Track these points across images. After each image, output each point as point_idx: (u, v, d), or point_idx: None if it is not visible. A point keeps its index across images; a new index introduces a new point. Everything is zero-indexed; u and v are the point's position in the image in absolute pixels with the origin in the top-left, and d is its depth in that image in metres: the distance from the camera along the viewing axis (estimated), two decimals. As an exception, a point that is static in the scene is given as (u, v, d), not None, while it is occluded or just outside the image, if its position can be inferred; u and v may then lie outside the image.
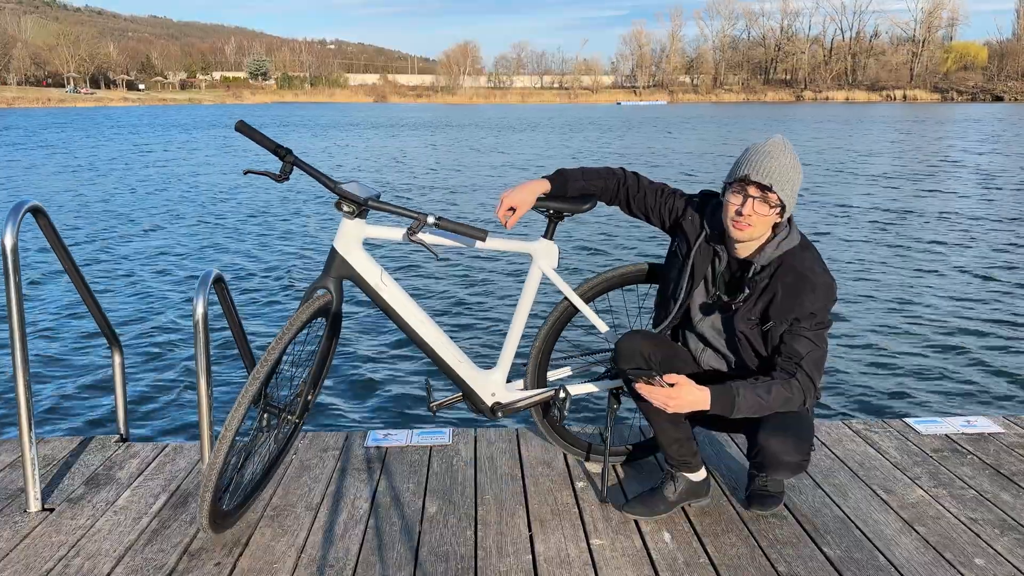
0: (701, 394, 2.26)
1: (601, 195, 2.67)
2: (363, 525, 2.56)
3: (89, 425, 5.08)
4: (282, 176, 2.49)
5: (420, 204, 15.02)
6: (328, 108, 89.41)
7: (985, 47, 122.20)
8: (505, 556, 2.38)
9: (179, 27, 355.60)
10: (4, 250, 2.45)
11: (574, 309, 2.81)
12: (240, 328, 3.03)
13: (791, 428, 2.38)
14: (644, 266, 2.82)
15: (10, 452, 3.05)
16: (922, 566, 2.33)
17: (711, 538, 2.48)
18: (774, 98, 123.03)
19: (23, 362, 2.54)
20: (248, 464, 2.66)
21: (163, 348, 6.54)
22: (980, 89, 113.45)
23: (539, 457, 3.03)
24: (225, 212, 13.93)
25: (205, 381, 2.71)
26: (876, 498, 2.73)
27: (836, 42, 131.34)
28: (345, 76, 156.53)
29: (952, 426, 3.32)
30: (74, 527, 2.54)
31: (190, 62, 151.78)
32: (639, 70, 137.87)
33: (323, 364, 2.67)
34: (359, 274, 2.57)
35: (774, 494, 2.64)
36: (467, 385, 2.75)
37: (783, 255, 2.36)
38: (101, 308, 2.98)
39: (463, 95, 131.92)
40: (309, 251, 10.54)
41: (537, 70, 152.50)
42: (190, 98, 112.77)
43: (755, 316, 2.39)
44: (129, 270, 9.39)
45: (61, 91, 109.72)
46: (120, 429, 3.17)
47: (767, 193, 2.27)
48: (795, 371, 2.32)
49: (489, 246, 2.65)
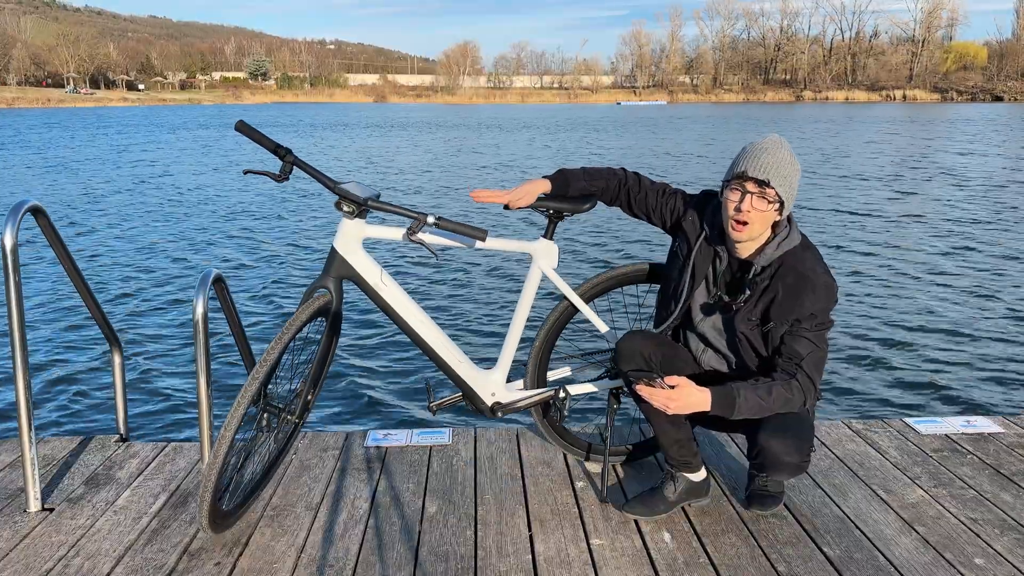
0: (702, 395, 2.26)
1: (602, 195, 2.67)
2: (363, 525, 2.56)
3: (89, 425, 5.08)
4: (282, 176, 2.49)
5: (420, 204, 15.02)
6: (328, 108, 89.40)
7: (985, 47, 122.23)
8: (505, 556, 2.38)
9: (179, 27, 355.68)
10: (4, 250, 2.45)
11: (574, 309, 2.81)
12: (240, 328, 3.04)
13: (791, 429, 2.37)
14: (644, 266, 2.82)
15: (10, 452, 3.05)
16: (922, 566, 2.33)
17: (711, 538, 2.48)
18: (774, 98, 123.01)
19: (23, 362, 2.54)
20: (248, 464, 2.66)
21: (163, 348, 6.54)
22: (980, 89, 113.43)
23: (539, 457, 3.03)
24: (225, 212, 13.93)
25: (205, 381, 2.71)
26: (876, 498, 2.73)
27: (836, 42, 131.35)
28: (345, 76, 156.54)
29: (952, 426, 3.32)
30: (74, 527, 2.54)
31: (190, 62, 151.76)
32: (639, 70, 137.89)
33: (323, 364, 2.67)
34: (359, 274, 2.57)
35: (774, 494, 2.64)
36: (467, 385, 2.75)
37: (784, 255, 2.35)
38: (101, 308, 2.98)
39: (463, 95, 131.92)
40: (309, 251, 10.54)
41: (537, 70, 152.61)
42: (190, 98, 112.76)
43: (756, 317, 2.39)
44: (129, 270, 9.38)
45: (61, 91, 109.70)
46: (120, 429, 3.18)
47: (765, 188, 2.27)
48: (795, 372, 2.32)
49: (489, 246, 2.65)
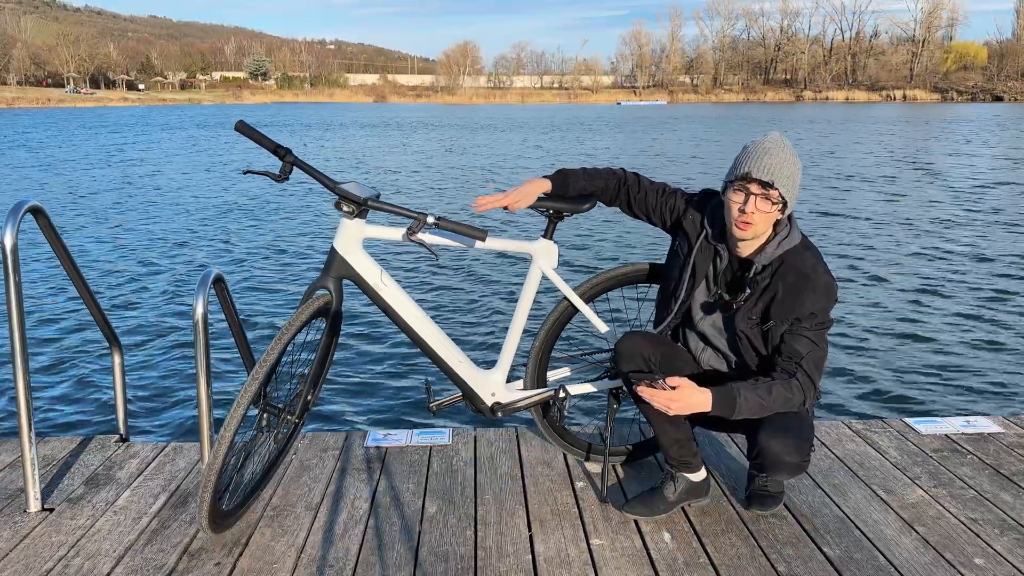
0: (703, 396, 2.25)
1: (602, 195, 2.67)
2: (363, 525, 2.56)
3: (89, 425, 5.08)
4: (282, 176, 2.48)
5: (419, 204, 15.02)
6: (328, 108, 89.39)
7: (985, 47, 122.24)
8: (505, 556, 2.38)
9: (179, 27, 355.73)
10: (4, 250, 2.45)
11: (574, 309, 2.81)
12: (240, 328, 3.03)
13: (792, 429, 2.37)
14: (644, 266, 2.82)
15: (10, 452, 3.05)
16: (922, 566, 2.33)
17: (711, 538, 2.48)
18: (774, 98, 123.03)
19: (23, 362, 2.54)
20: (248, 464, 2.66)
21: (163, 348, 6.54)
22: (980, 89, 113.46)
23: (539, 457, 3.03)
24: (225, 212, 13.93)
25: (205, 381, 2.71)
26: (876, 498, 2.73)
27: (836, 42, 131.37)
28: (345, 76, 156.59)
29: (952, 426, 3.32)
30: (74, 527, 2.54)
31: (190, 62, 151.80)
32: (639, 70, 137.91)
33: (323, 364, 2.67)
34: (359, 274, 2.57)
35: (774, 494, 2.64)
36: (467, 385, 2.75)
37: (784, 254, 2.35)
38: (101, 308, 2.98)
39: (463, 95, 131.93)
40: (309, 251, 10.53)
41: (537, 70, 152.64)
42: (190, 98, 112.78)
43: (756, 316, 2.39)
44: (129, 270, 9.38)
45: (61, 91, 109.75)
46: (120, 429, 3.18)
47: (769, 190, 2.27)
48: (795, 371, 2.31)
49: (489, 246, 2.65)
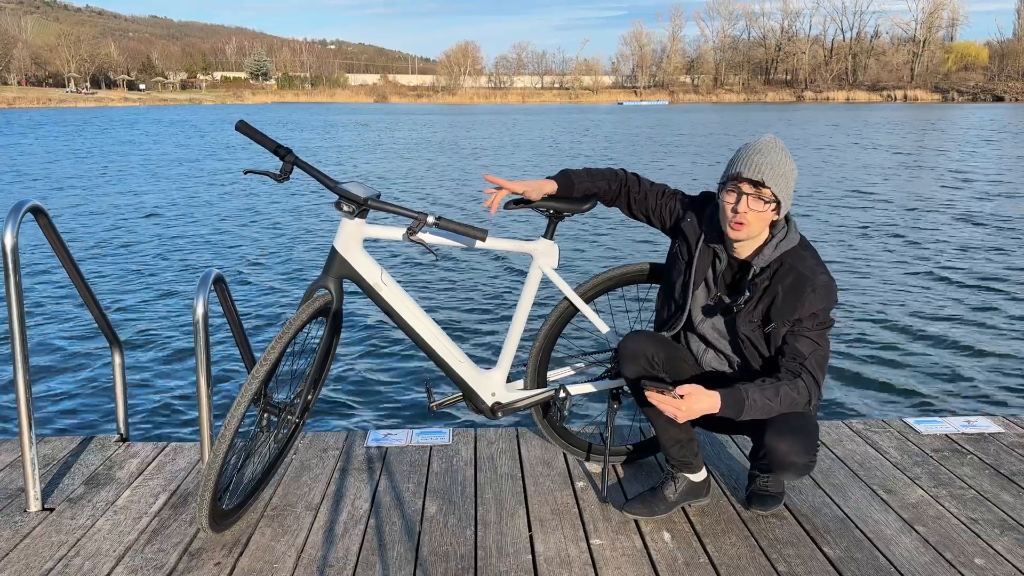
0: (711, 400, 2.25)
1: (603, 196, 2.67)
2: (363, 525, 2.56)
3: (89, 425, 5.09)
4: (282, 176, 2.48)
5: (420, 204, 15.02)
6: (328, 108, 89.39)
7: (986, 47, 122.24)
8: (505, 556, 2.38)
9: (179, 27, 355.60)
10: (4, 250, 2.45)
11: (574, 309, 2.81)
12: (240, 328, 3.03)
13: (798, 429, 2.37)
14: (645, 266, 2.82)
15: (10, 452, 3.05)
16: (922, 566, 2.33)
17: (711, 538, 2.48)
18: (775, 98, 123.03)
19: (23, 362, 2.53)
20: (248, 464, 2.66)
21: (163, 348, 6.54)
22: (981, 89, 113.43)
23: (539, 457, 3.03)
24: (225, 212, 13.93)
25: (205, 381, 2.71)
26: (876, 498, 2.73)
27: (836, 42, 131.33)
28: (345, 76, 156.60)
29: (952, 426, 3.32)
30: (74, 527, 2.54)
31: (190, 62, 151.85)
32: (639, 70, 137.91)
33: (323, 364, 2.67)
34: (359, 274, 2.57)
35: (774, 494, 2.64)
36: (467, 385, 2.75)
37: (782, 256, 2.36)
38: (101, 308, 2.98)
39: (463, 95, 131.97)
40: (309, 251, 10.54)
41: (537, 70, 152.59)
42: (191, 98, 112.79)
43: (757, 318, 2.39)
44: (129, 270, 9.39)
45: (62, 91, 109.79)
46: (120, 429, 3.17)
47: (760, 189, 2.28)
48: (799, 371, 2.32)
49: (489, 246, 2.65)
